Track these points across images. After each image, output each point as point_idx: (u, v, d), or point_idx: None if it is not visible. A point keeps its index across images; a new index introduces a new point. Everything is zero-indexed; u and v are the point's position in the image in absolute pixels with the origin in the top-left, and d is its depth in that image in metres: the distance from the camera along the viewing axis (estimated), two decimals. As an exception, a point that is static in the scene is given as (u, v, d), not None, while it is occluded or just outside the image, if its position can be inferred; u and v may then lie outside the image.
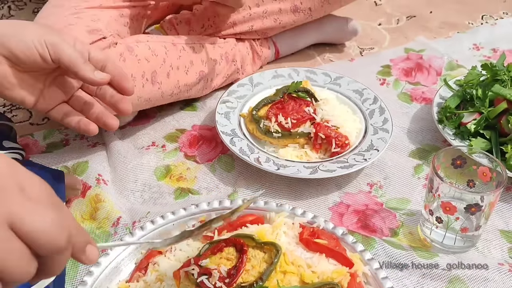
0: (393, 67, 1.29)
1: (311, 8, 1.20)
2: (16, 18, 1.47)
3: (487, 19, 1.50)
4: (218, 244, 0.73)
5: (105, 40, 0.94)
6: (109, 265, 0.76)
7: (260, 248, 0.72)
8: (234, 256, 0.71)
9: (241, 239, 0.73)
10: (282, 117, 1.01)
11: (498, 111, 1.00)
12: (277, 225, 0.78)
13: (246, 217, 0.81)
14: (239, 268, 0.69)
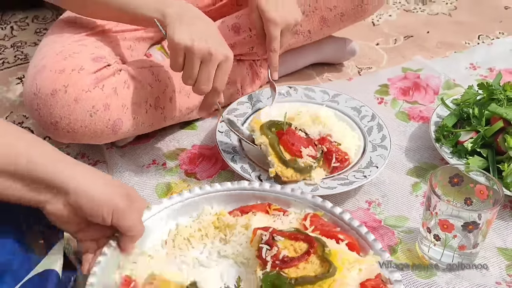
0: (391, 86, 1.31)
1: (310, 31, 1.21)
2: (19, 39, 1.49)
3: (483, 39, 1.52)
4: (298, 234, 0.79)
5: (110, 68, 0.94)
6: None
7: (321, 259, 0.76)
8: (301, 251, 0.77)
9: (317, 242, 0.77)
10: (306, 149, 1.00)
11: (494, 129, 1.02)
12: (364, 261, 0.78)
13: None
14: (293, 261, 0.75)
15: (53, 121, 0.91)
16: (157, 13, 0.92)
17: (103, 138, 0.96)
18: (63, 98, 0.89)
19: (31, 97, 0.91)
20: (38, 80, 0.90)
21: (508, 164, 0.98)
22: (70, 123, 0.91)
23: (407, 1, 1.70)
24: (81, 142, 0.97)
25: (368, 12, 1.24)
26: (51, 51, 0.94)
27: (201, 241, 0.84)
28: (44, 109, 0.90)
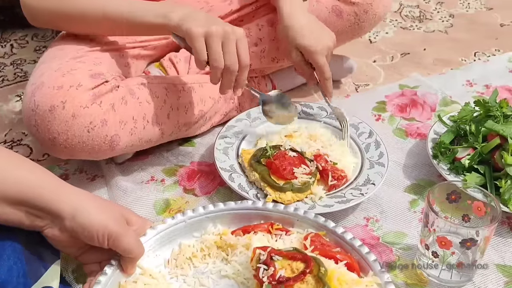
0: (388, 103, 1.32)
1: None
2: (18, 56, 1.50)
3: (479, 56, 1.54)
4: (296, 254, 0.79)
5: (107, 84, 0.95)
6: None
7: (317, 279, 0.75)
8: (298, 271, 0.76)
9: (313, 262, 0.77)
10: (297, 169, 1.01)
11: (491, 146, 1.02)
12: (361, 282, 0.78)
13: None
14: (288, 281, 0.74)
15: (50, 137, 0.91)
16: (162, 18, 0.95)
17: (100, 154, 0.96)
18: (61, 114, 0.89)
19: (29, 113, 0.91)
20: (37, 97, 0.90)
21: (505, 181, 0.99)
22: (68, 139, 0.91)
23: (404, 19, 1.72)
24: (79, 158, 0.98)
25: (364, 30, 1.25)
26: (50, 67, 0.95)
27: (203, 260, 0.84)
28: (42, 125, 0.90)
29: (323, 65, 1.08)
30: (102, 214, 0.73)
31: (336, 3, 1.21)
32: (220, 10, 1.23)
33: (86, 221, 0.72)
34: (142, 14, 0.97)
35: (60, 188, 0.74)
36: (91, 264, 0.79)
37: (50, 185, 0.73)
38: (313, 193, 0.99)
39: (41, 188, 0.71)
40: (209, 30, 0.91)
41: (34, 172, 0.73)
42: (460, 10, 1.77)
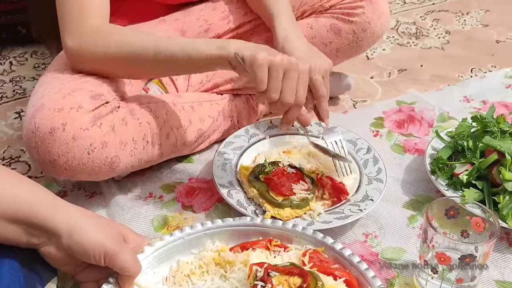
0: (386, 119, 1.32)
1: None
2: (18, 73, 1.51)
3: (476, 72, 1.55)
4: (293, 269, 0.79)
5: (108, 105, 0.95)
6: None
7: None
8: (295, 286, 0.76)
9: (310, 276, 0.77)
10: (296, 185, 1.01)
11: (489, 162, 1.02)
12: None
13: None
14: None
15: (51, 159, 0.91)
16: (219, 48, 0.92)
17: (100, 175, 0.97)
18: (61, 136, 0.89)
19: (29, 135, 0.91)
20: (37, 119, 0.90)
21: (503, 196, 0.99)
22: (68, 161, 0.91)
23: (400, 35, 1.73)
24: (79, 179, 0.98)
25: (363, 48, 1.26)
26: (50, 89, 0.95)
27: (201, 277, 0.84)
28: (42, 147, 0.90)
29: (319, 84, 1.06)
30: (99, 232, 0.73)
31: (334, 21, 1.21)
32: (219, 28, 1.24)
33: (83, 239, 0.72)
34: (198, 50, 0.93)
35: (57, 206, 0.74)
36: (88, 282, 0.79)
37: (47, 203, 0.73)
38: (311, 209, 0.99)
39: (38, 206, 0.71)
40: (274, 59, 0.89)
41: (31, 190, 0.73)
42: (456, 27, 1.78)
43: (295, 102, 0.92)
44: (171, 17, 1.23)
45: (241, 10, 1.26)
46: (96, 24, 0.97)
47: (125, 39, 0.97)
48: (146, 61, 0.96)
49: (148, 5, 1.18)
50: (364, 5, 1.20)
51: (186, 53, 0.93)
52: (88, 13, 0.97)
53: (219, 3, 1.27)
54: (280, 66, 0.89)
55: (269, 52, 0.90)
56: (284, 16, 1.13)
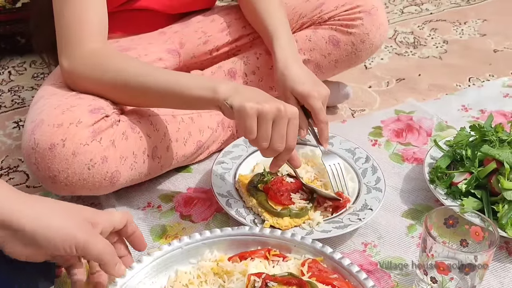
0: (384, 128, 1.32)
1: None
2: (16, 83, 1.51)
3: (474, 81, 1.55)
4: (291, 278, 0.78)
5: (108, 119, 0.95)
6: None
7: None
8: None
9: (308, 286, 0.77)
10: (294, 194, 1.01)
11: (487, 171, 1.02)
12: None
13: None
14: None
15: (51, 175, 0.91)
16: (209, 91, 0.91)
17: (101, 190, 0.97)
18: (61, 152, 0.89)
19: (29, 151, 0.91)
20: (37, 135, 0.90)
21: (502, 205, 0.99)
22: (68, 176, 0.91)
23: (398, 45, 1.74)
24: (79, 194, 0.98)
25: (362, 59, 1.26)
26: (49, 104, 0.94)
27: (200, 287, 0.84)
28: (42, 163, 0.90)
29: (319, 109, 1.06)
30: (65, 223, 0.70)
31: (333, 33, 1.22)
32: (217, 40, 1.24)
33: (49, 234, 0.68)
34: (189, 87, 0.93)
35: (18, 199, 0.70)
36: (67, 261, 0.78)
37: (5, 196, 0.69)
38: (310, 218, 0.99)
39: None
40: (262, 108, 0.88)
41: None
42: (454, 37, 1.79)
43: (285, 148, 0.92)
44: (170, 29, 1.24)
45: (239, 22, 1.27)
46: (94, 47, 0.98)
47: (121, 68, 0.96)
48: (138, 93, 0.96)
49: (147, 16, 1.19)
50: (363, 17, 1.20)
51: (178, 91, 0.93)
52: (88, 35, 0.97)
53: (217, 15, 1.28)
54: (269, 115, 0.88)
55: (257, 99, 0.90)
56: (283, 37, 1.13)
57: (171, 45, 1.21)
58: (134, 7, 1.14)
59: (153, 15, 1.19)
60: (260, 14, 1.17)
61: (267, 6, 1.17)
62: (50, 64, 1.23)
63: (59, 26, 0.98)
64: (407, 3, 2.00)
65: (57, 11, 0.98)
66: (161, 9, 1.19)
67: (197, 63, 1.25)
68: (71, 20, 0.96)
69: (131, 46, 1.16)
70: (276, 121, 0.89)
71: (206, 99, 0.92)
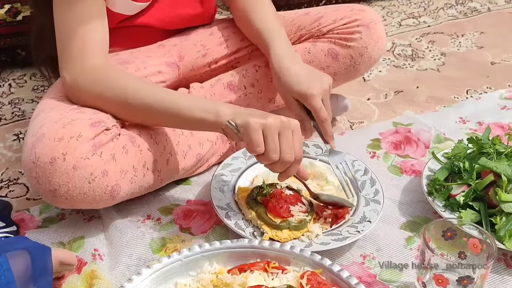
0: (383, 140, 1.33)
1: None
2: (17, 96, 1.52)
3: (471, 94, 1.56)
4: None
5: (108, 132, 0.95)
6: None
7: None
8: None
9: None
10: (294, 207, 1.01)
11: (485, 183, 1.03)
12: None
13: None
14: None
15: (51, 189, 0.91)
16: (212, 114, 0.93)
17: (101, 204, 0.97)
18: (62, 166, 0.90)
19: (30, 165, 0.91)
20: (37, 149, 0.91)
21: (500, 218, 0.99)
22: (69, 190, 0.91)
23: (396, 57, 1.75)
24: (80, 208, 0.99)
25: (360, 72, 1.27)
26: (50, 118, 0.95)
27: None
28: (43, 177, 0.91)
29: (319, 108, 1.07)
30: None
31: (332, 46, 1.23)
32: (216, 53, 1.25)
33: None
34: (190, 109, 0.94)
35: None
36: None
37: None
38: (309, 231, 1.00)
39: None
40: (266, 122, 0.90)
41: None
42: (452, 49, 1.80)
43: (295, 159, 0.93)
44: (169, 42, 1.25)
45: (238, 35, 1.28)
46: (96, 63, 0.99)
47: (121, 85, 0.97)
48: (138, 112, 0.98)
49: (146, 31, 1.20)
50: (361, 30, 1.21)
51: (177, 112, 0.95)
52: (90, 51, 0.98)
53: (215, 28, 1.29)
54: (273, 127, 0.90)
55: (260, 115, 0.92)
56: (278, 42, 1.15)
57: (170, 58, 1.22)
58: (133, 24, 1.15)
59: (152, 30, 1.20)
60: (256, 25, 1.19)
61: (262, 17, 1.19)
62: (50, 77, 1.24)
63: (62, 41, 0.99)
64: (405, 15, 2.01)
65: (59, 27, 0.99)
66: (160, 26, 1.20)
67: (196, 75, 1.25)
68: (73, 36, 0.97)
69: (130, 59, 1.17)
70: (281, 132, 0.91)
71: (209, 122, 0.94)
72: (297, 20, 1.27)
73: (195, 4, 1.22)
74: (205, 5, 1.23)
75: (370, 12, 1.25)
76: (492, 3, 2.10)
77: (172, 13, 1.19)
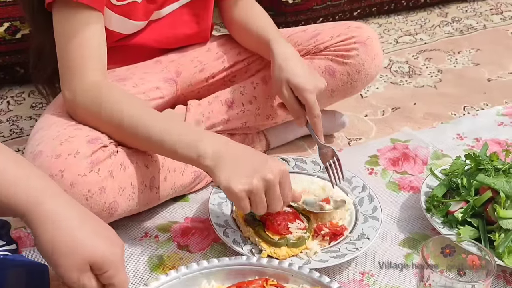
0: (380, 156, 1.33)
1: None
2: (15, 113, 1.52)
3: (468, 110, 1.57)
4: None
5: (106, 149, 0.95)
6: None
7: None
8: None
9: None
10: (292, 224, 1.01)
11: (483, 199, 1.03)
12: None
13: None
14: None
15: None
16: (193, 151, 0.92)
17: None
18: (59, 183, 0.89)
19: None
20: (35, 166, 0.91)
21: (499, 234, 0.99)
22: None
23: (394, 74, 1.76)
24: None
25: (357, 89, 1.28)
26: (48, 136, 0.95)
27: None
28: None
29: (313, 103, 1.10)
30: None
31: (329, 63, 1.24)
32: (213, 68, 1.26)
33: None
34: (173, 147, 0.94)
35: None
36: None
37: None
38: (308, 248, 0.99)
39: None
40: (251, 189, 0.89)
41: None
42: (448, 66, 1.81)
43: (284, 205, 0.95)
44: (166, 58, 1.25)
45: (235, 50, 1.29)
46: (95, 80, 0.99)
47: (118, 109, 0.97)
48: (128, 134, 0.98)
49: (142, 50, 1.21)
50: (358, 47, 1.22)
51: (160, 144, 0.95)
52: (89, 70, 0.99)
53: (212, 44, 1.30)
54: (259, 191, 0.90)
55: (245, 170, 0.90)
56: (279, 39, 1.17)
57: (167, 74, 1.23)
58: (130, 43, 1.16)
59: (148, 49, 1.21)
60: (254, 29, 1.22)
61: (260, 21, 1.23)
62: (48, 95, 1.24)
63: (63, 60, 1.00)
64: (402, 33, 2.03)
65: (60, 47, 1.00)
66: (156, 46, 1.22)
67: (194, 91, 1.26)
68: (73, 56, 0.98)
69: (128, 75, 1.18)
70: (268, 192, 0.91)
71: (190, 159, 0.94)
72: (294, 36, 1.28)
73: (191, 24, 1.23)
74: (201, 25, 1.24)
75: (367, 29, 1.26)
76: (487, 21, 2.12)
77: (169, 34, 1.20)
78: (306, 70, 1.13)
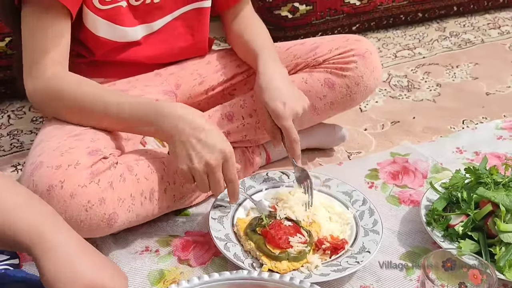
0: (380, 170, 1.33)
1: (302, 119, 1.25)
2: (15, 127, 1.52)
3: (467, 124, 1.57)
4: None
5: (106, 161, 0.96)
6: None
7: None
8: None
9: None
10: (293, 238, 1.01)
11: (484, 213, 1.03)
12: None
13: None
14: None
15: None
16: (152, 127, 1.00)
17: (98, 232, 0.96)
18: (59, 193, 0.90)
19: None
20: (35, 177, 0.91)
21: (499, 248, 0.99)
22: (66, 218, 0.91)
23: (393, 88, 1.77)
24: None
25: (356, 101, 1.28)
26: (48, 147, 0.96)
27: None
28: None
29: (289, 128, 1.11)
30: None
31: (328, 76, 1.24)
32: (212, 80, 1.27)
33: None
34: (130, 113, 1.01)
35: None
36: None
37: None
38: (309, 262, 0.99)
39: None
40: (192, 168, 0.98)
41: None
42: (447, 80, 1.82)
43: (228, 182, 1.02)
44: (166, 71, 1.26)
45: (234, 63, 1.30)
46: (57, 70, 1.03)
47: (76, 90, 1.02)
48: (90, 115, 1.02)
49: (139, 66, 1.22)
50: (357, 60, 1.23)
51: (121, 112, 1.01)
52: (52, 60, 1.03)
53: (212, 57, 1.31)
54: (199, 173, 0.99)
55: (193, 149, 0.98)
56: (266, 55, 1.19)
57: (167, 87, 1.23)
58: (117, 59, 1.17)
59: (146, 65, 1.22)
60: (246, 44, 1.24)
61: (252, 37, 1.24)
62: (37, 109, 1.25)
63: (27, 51, 1.04)
64: (400, 47, 2.04)
65: (26, 38, 1.04)
66: (151, 62, 1.23)
67: (194, 103, 1.26)
68: (39, 48, 1.03)
69: (128, 88, 1.19)
70: (209, 174, 0.99)
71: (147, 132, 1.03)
72: (293, 49, 1.29)
73: (186, 37, 1.24)
74: (196, 37, 1.25)
75: (365, 42, 1.27)
76: (485, 35, 2.13)
77: (162, 48, 1.22)
78: (289, 92, 1.13)
